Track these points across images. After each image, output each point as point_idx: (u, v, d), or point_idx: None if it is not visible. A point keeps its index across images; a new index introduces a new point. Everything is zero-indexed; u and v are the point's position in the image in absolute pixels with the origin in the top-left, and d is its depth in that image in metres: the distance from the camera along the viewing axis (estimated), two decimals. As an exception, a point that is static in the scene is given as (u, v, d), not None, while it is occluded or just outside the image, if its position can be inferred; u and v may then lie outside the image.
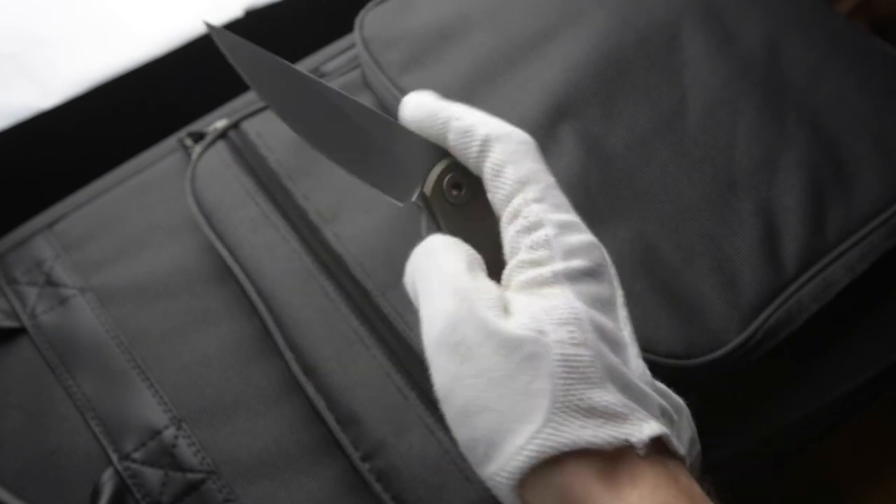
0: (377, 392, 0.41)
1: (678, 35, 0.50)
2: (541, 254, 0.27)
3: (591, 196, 0.44)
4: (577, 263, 0.27)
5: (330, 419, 0.40)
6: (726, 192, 0.45)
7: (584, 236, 0.28)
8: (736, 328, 0.41)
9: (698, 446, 0.28)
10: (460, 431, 0.26)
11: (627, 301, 0.40)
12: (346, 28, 0.53)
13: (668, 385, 0.29)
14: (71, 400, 0.43)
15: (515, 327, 0.25)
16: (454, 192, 0.30)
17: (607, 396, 0.24)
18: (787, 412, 0.47)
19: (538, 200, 0.28)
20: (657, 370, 0.29)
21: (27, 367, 0.44)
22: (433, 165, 0.30)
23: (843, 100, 0.49)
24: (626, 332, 0.27)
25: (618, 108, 0.47)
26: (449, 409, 0.26)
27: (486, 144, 0.29)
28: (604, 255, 0.28)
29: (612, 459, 0.24)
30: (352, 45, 0.55)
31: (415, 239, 0.29)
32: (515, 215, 0.28)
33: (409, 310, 0.43)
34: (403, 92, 0.49)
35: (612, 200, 0.44)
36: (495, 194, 0.29)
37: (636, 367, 0.27)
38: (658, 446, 0.25)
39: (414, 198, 0.30)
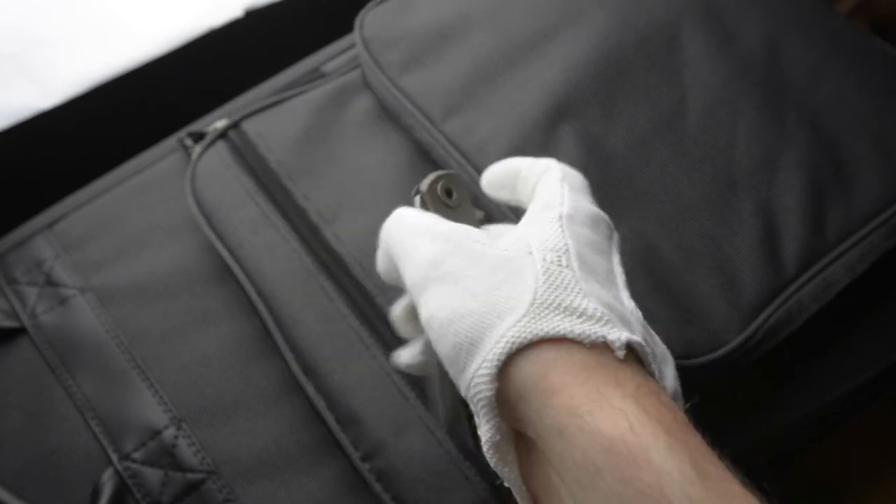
0: (377, 392, 0.41)
1: (678, 35, 0.50)
2: (555, 199, 0.30)
3: (591, 195, 0.44)
4: (579, 214, 0.30)
5: (330, 419, 0.40)
6: (726, 192, 0.45)
7: (593, 206, 0.32)
8: (736, 328, 0.41)
9: (681, 401, 0.29)
10: (444, 342, 0.27)
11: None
12: (346, 28, 0.53)
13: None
14: (71, 400, 0.43)
15: (504, 250, 0.28)
16: (446, 196, 0.34)
17: (589, 303, 0.26)
18: (787, 412, 0.47)
19: (561, 180, 0.32)
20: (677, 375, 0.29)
21: (27, 367, 0.44)
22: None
23: (843, 100, 0.49)
24: (619, 280, 0.30)
25: (618, 108, 0.47)
26: (433, 327, 0.27)
27: (550, 165, 0.34)
28: (611, 225, 0.32)
29: (593, 358, 0.25)
30: (352, 45, 0.55)
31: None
32: (543, 174, 0.33)
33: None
34: (403, 92, 0.49)
35: (612, 200, 0.44)
36: (525, 185, 0.34)
37: (628, 303, 0.29)
38: (638, 366, 0.26)
39: (412, 194, 0.35)
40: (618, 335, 0.25)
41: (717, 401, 0.43)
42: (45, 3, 0.58)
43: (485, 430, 0.26)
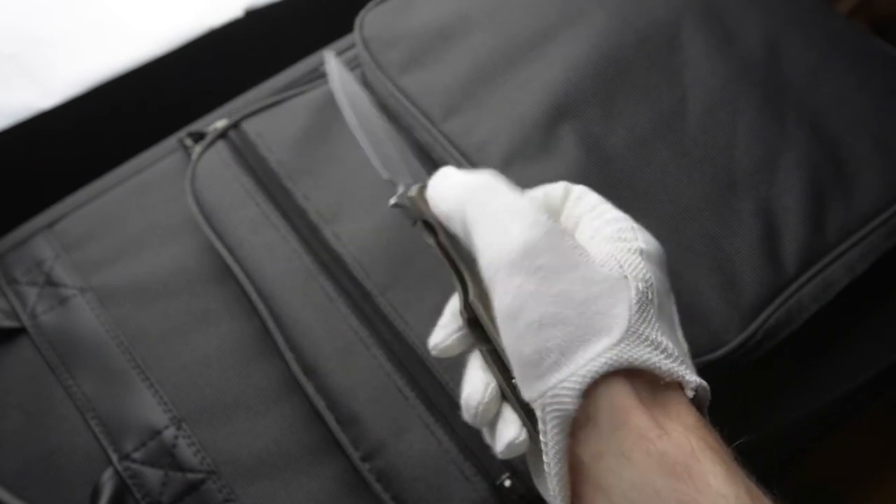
0: (377, 392, 0.41)
1: (678, 35, 0.50)
2: (628, 235, 0.31)
3: (591, 196, 0.44)
4: (654, 251, 0.31)
5: (330, 419, 0.40)
6: (726, 192, 0.45)
7: (651, 237, 0.32)
8: (736, 328, 0.41)
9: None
10: (528, 343, 0.27)
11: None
12: (346, 28, 0.53)
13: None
14: (71, 400, 0.43)
15: (601, 266, 0.28)
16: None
17: (668, 341, 0.28)
18: (787, 412, 0.47)
19: (606, 204, 0.33)
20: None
21: (27, 367, 0.44)
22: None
23: (843, 100, 0.49)
24: (676, 319, 0.31)
25: (618, 108, 0.47)
26: (517, 324, 0.27)
27: (568, 187, 0.34)
28: (663, 256, 0.32)
29: (662, 392, 0.27)
30: (352, 45, 0.55)
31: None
32: (600, 214, 0.32)
33: (409, 310, 0.43)
34: (403, 91, 0.49)
35: (612, 200, 0.44)
36: (575, 208, 0.33)
37: (684, 345, 0.30)
38: (693, 405, 0.28)
39: (396, 197, 0.35)
40: (692, 377, 0.27)
41: (717, 400, 0.43)
42: (45, 3, 0.58)
43: (554, 443, 0.27)
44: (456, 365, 0.36)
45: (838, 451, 0.66)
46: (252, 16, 0.61)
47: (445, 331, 0.32)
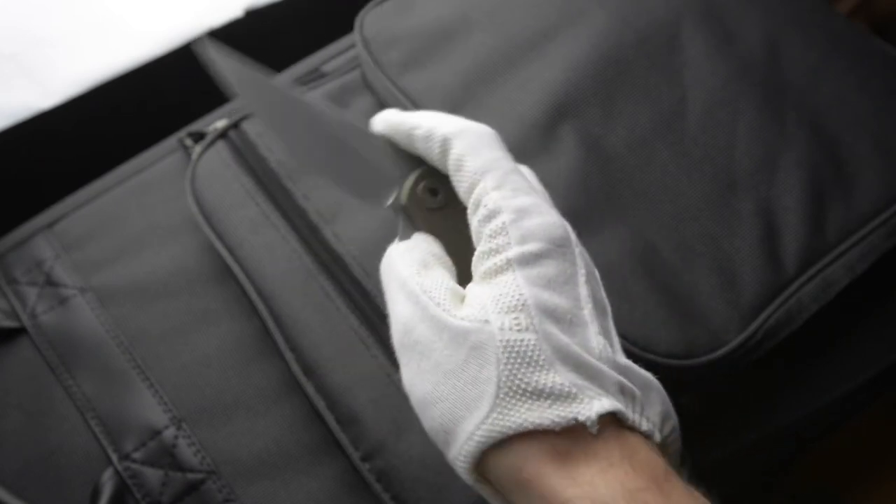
0: (377, 392, 0.41)
1: (678, 35, 0.50)
2: (498, 241, 0.27)
3: (591, 196, 0.44)
4: (531, 247, 0.27)
5: (330, 419, 0.40)
6: (726, 192, 0.45)
7: (543, 218, 0.28)
8: (736, 328, 0.41)
9: (673, 420, 0.28)
10: (424, 422, 0.27)
11: (626, 301, 0.41)
12: (346, 28, 0.53)
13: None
14: (71, 400, 0.43)
15: (462, 320, 0.26)
16: (430, 198, 0.31)
17: (554, 377, 0.25)
18: (787, 412, 0.47)
19: (497, 188, 0.28)
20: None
21: (27, 367, 0.44)
22: (409, 174, 0.31)
23: (844, 100, 0.49)
24: (585, 311, 0.27)
25: (618, 108, 0.47)
26: (413, 402, 0.28)
27: (445, 143, 0.30)
28: (567, 233, 0.28)
29: (564, 439, 0.25)
30: (352, 45, 0.55)
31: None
32: (477, 205, 0.29)
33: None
34: (403, 91, 0.49)
35: (612, 200, 0.44)
36: (459, 187, 0.30)
37: (596, 344, 0.27)
38: (615, 424, 0.25)
39: (388, 203, 0.31)
40: (588, 413, 0.24)
41: (717, 401, 0.43)
42: (45, 3, 0.58)
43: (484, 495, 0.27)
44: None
45: (838, 451, 0.66)
46: (252, 16, 0.61)
47: None
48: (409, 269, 0.28)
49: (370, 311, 0.43)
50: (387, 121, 0.32)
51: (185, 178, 0.48)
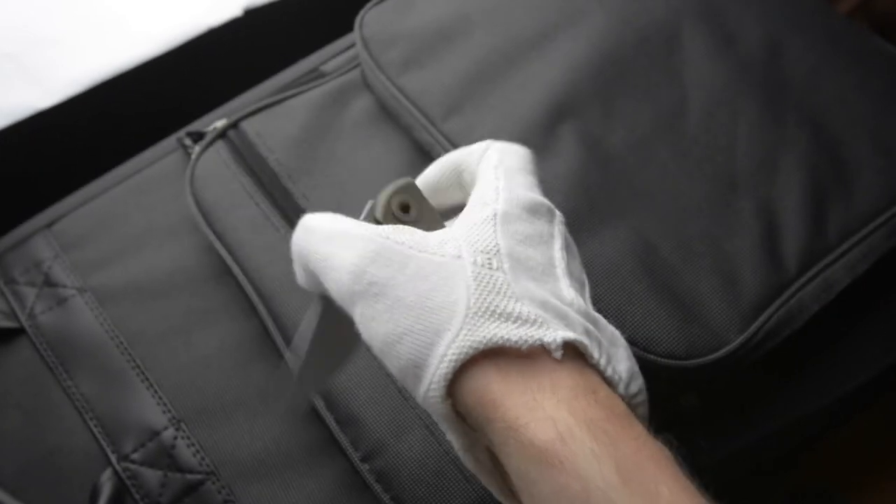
0: (377, 392, 0.41)
1: (678, 35, 0.50)
2: (487, 197, 0.29)
3: (591, 196, 0.44)
4: (513, 209, 0.29)
5: (329, 419, 0.40)
6: (727, 192, 0.45)
7: (534, 194, 0.30)
8: (736, 328, 0.41)
9: (640, 381, 0.28)
10: (391, 363, 0.26)
11: (627, 301, 0.41)
12: (346, 27, 0.53)
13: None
14: (70, 400, 0.43)
15: (432, 255, 0.26)
16: (403, 213, 0.31)
17: (522, 306, 0.26)
18: (787, 412, 0.46)
19: (496, 166, 0.31)
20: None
21: (26, 368, 0.44)
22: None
23: (844, 100, 0.49)
24: (558, 269, 0.28)
25: (618, 108, 0.47)
26: (376, 348, 0.27)
27: (487, 148, 0.32)
28: (552, 211, 0.30)
29: (528, 366, 0.25)
30: (351, 45, 0.55)
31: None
32: (486, 171, 0.31)
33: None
34: (403, 91, 0.49)
35: (612, 200, 0.44)
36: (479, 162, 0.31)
37: (567, 294, 0.27)
38: (581, 360, 0.26)
39: (362, 216, 0.31)
40: (553, 336, 0.25)
41: (717, 401, 0.43)
42: (44, 3, 0.58)
43: (456, 447, 0.27)
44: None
45: (838, 451, 0.66)
46: (251, 15, 0.61)
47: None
48: (344, 221, 0.28)
49: (370, 312, 0.43)
50: (426, 177, 0.33)
51: (184, 178, 0.48)
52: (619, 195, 0.44)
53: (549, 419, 0.24)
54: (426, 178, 0.33)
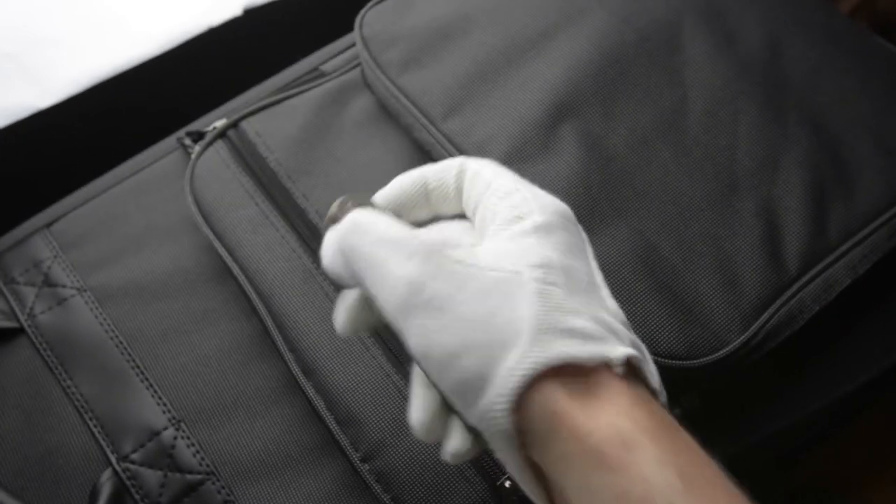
0: (377, 392, 0.40)
1: (679, 34, 0.50)
2: (522, 210, 0.29)
3: (592, 196, 0.44)
4: (550, 217, 0.29)
5: (329, 419, 0.40)
6: (727, 191, 0.45)
7: (553, 198, 0.31)
8: (737, 328, 0.41)
9: (664, 396, 0.29)
10: (447, 378, 0.26)
11: (627, 301, 0.41)
12: (346, 27, 0.53)
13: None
14: (69, 400, 0.43)
15: (491, 271, 0.27)
16: None
17: (584, 322, 0.27)
18: (788, 412, 0.46)
19: (508, 179, 0.31)
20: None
21: (25, 368, 0.44)
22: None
23: (845, 99, 0.49)
24: (598, 277, 0.30)
25: (618, 108, 0.47)
26: (431, 362, 0.27)
27: (463, 164, 0.32)
28: (571, 213, 0.31)
29: (589, 378, 0.26)
30: (351, 44, 0.55)
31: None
32: (487, 186, 0.31)
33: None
34: (403, 91, 0.49)
35: (612, 200, 0.44)
36: (473, 189, 0.31)
37: (611, 305, 0.29)
38: (632, 374, 0.27)
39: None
40: (617, 353, 0.26)
41: (718, 401, 0.43)
42: (45, 3, 0.58)
43: (512, 465, 0.27)
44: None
45: (838, 451, 0.66)
46: (251, 14, 0.61)
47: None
48: (401, 227, 0.28)
49: (370, 312, 0.43)
50: (387, 194, 0.33)
51: (183, 178, 0.48)
52: (619, 195, 0.44)
53: (613, 427, 0.25)
54: (386, 196, 0.32)
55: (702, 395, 0.42)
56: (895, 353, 0.48)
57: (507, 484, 0.38)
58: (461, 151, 0.46)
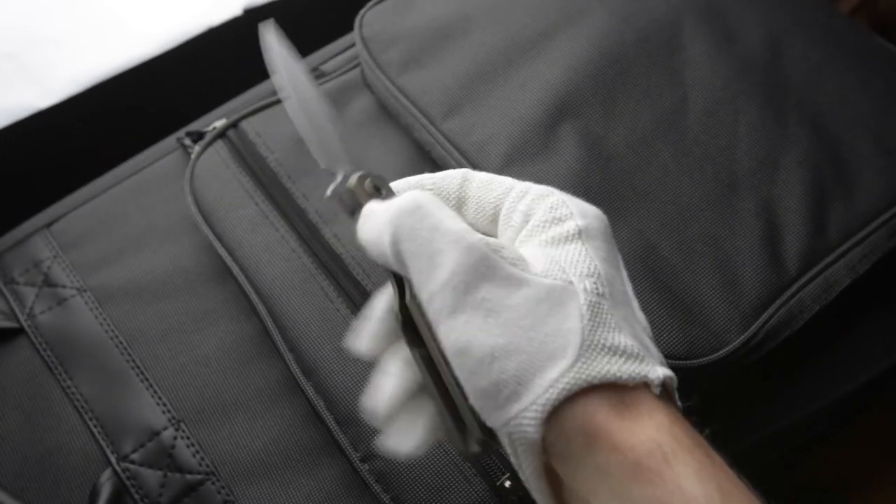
0: (377, 392, 0.40)
1: (679, 34, 0.50)
2: (561, 212, 0.29)
3: (592, 195, 0.44)
4: (591, 221, 0.29)
5: (329, 420, 0.40)
6: (727, 191, 0.45)
7: (584, 202, 0.30)
8: (737, 328, 0.41)
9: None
10: (482, 377, 0.26)
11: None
12: (346, 27, 0.53)
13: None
14: (69, 400, 0.43)
15: (543, 278, 0.27)
16: (376, 193, 0.30)
17: (626, 340, 0.27)
18: (788, 412, 0.46)
19: (522, 183, 0.31)
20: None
21: (25, 368, 0.44)
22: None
23: (845, 99, 0.49)
24: (628, 288, 0.30)
25: (618, 108, 0.47)
26: (467, 359, 0.26)
27: (466, 174, 0.32)
28: (607, 219, 0.31)
29: (631, 394, 0.26)
30: (351, 44, 0.55)
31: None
32: (523, 193, 0.30)
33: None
34: (402, 91, 0.49)
35: (612, 200, 0.44)
36: (488, 193, 0.31)
37: (641, 318, 0.29)
38: (665, 392, 0.27)
39: (334, 185, 0.31)
40: (656, 374, 0.26)
41: (718, 401, 0.43)
42: (45, 3, 0.58)
43: (526, 465, 0.27)
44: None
45: (839, 452, 0.66)
46: (251, 14, 0.61)
47: (379, 325, 0.30)
48: (460, 222, 0.27)
49: (370, 312, 0.43)
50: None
51: (183, 178, 0.48)
52: (619, 195, 0.44)
53: (654, 442, 0.25)
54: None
55: (701, 394, 0.42)
56: (895, 353, 0.48)
57: (507, 484, 0.38)
58: (461, 151, 0.46)
